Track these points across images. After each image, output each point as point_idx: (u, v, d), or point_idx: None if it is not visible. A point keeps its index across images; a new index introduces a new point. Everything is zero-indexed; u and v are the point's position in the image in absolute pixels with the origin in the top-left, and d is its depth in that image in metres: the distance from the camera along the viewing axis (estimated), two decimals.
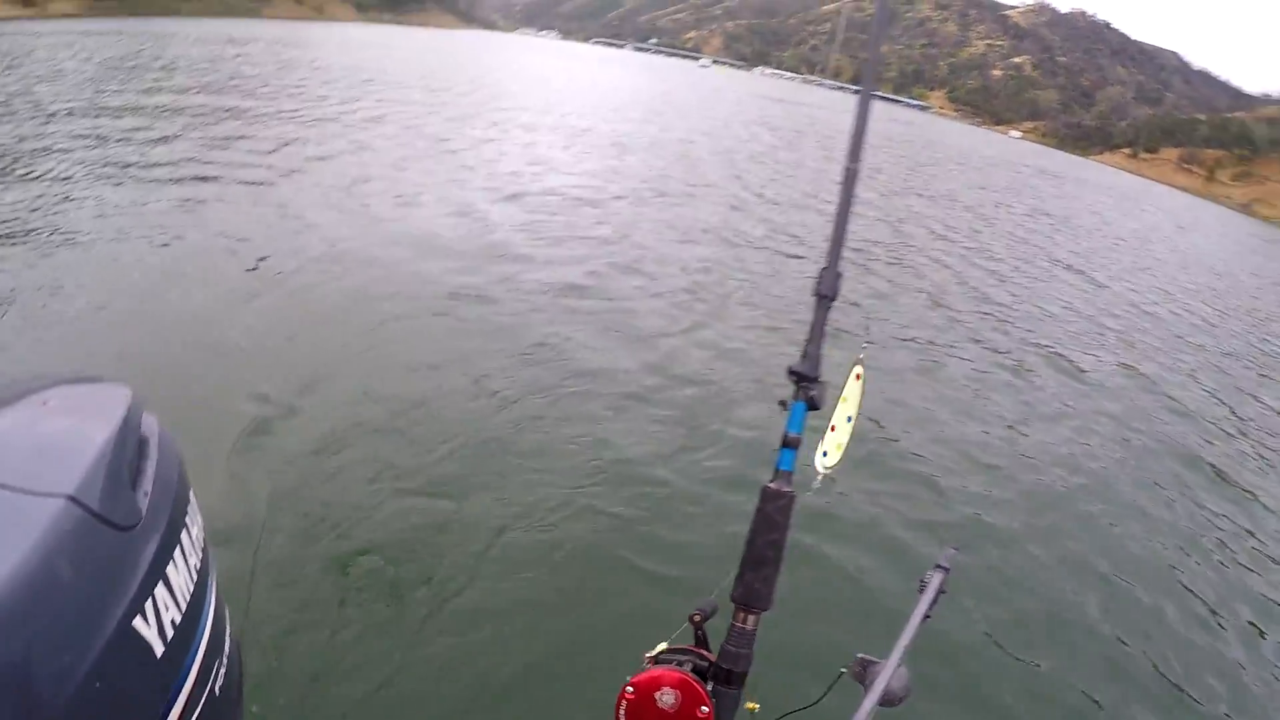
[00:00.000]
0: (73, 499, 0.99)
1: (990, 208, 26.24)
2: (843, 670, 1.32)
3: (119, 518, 1.05)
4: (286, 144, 14.90)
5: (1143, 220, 40.08)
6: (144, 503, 1.13)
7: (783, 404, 1.33)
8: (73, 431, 1.14)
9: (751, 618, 1.28)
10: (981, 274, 14.47)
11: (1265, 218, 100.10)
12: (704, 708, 1.23)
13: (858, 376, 1.49)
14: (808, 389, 1.32)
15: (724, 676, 1.28)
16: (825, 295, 1.33)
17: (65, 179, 10.53)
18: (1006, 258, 17.04)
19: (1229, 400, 10.60)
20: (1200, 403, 10.08)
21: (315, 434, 5.12)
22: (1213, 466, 7.98)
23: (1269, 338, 16.02)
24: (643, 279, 9.71)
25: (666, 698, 1.25)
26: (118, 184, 10.62)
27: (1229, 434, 9.28)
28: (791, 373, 1.33)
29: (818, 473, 1.46)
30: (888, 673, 1.24)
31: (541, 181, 14.91)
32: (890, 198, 21.70)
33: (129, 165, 11.66)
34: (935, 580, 1.45)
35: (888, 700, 1.23)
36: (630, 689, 1.26)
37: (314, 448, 4.97)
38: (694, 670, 1.27)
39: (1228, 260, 32.17)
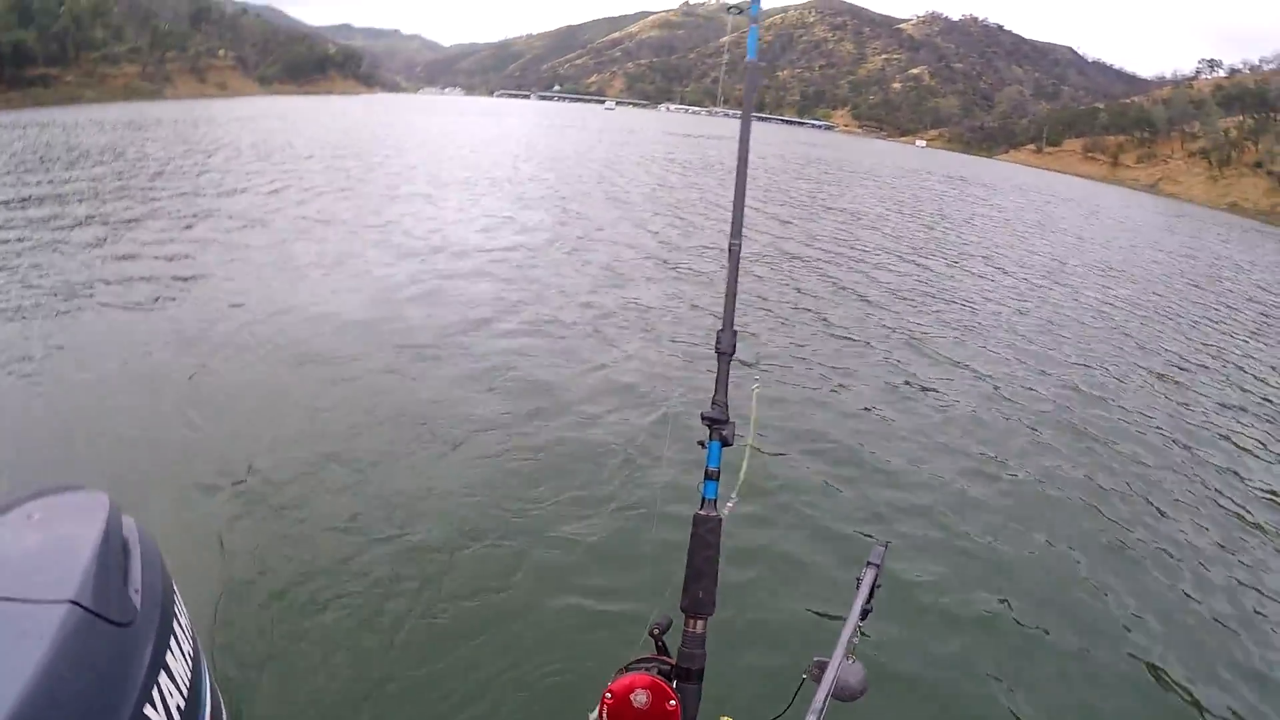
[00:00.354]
0: (74, 602, 1.06)
1: (893, 218, 26.54)
2: (804, 675, 1.47)
3: (117, 615, 1.13)
4: (200, 224, 14.94)
5: (1044, 211, 40.46)
6: (136, 599, 1.21)
7: (701, 444, 1.60)
8: (62, 539, 1.22)
9: (700, 623, 1.53)
10: (879, 286, 14.49)
11: (1170, 194, 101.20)
12: (671, 702, 1.44)
13: (753, 408, 1.73)
14: (720, 429, 1.57)
15: (684, 675, 1.51)
16: (724, 352, 1.60)
17: None
18: (905, 266, 17.13)
19: (1138, 375, 10.88)
20: (1107, 380, 10.34)
21: (276, 502, 5.22)
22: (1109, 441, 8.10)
23: (1171, 308, 16.59)
24: (558, 328, 9.82)
25: (640, 697, 1.44)
26: (38, 282, 10.35)
27: (1131, 409, 9.32)
28: (705, 418, 1.58)
29: (729, 498, 1.65)
30: (833, 669, 1.35)
31: (460, 240, 15.09)
32: (791, 224, 21.49)
33: (52, 253, 11.74)
34: (869, 576, 1.58)
35: (846, 695, 1.37)
36: (609, 694, 1.45)
37: (277, 515, 5.07)
38: (659, 673, 1.48)
39: (1126, 239, 32.89)
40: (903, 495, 6.25)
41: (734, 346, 1.59)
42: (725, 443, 1.56)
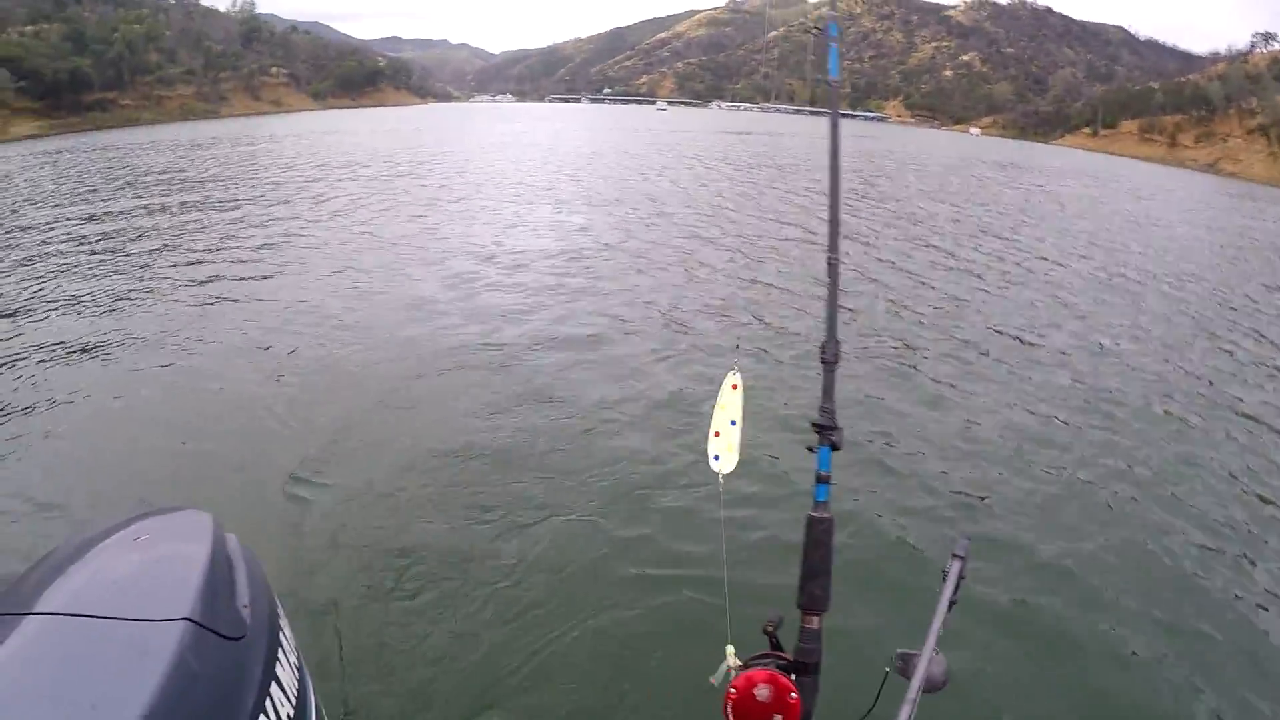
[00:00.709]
0: (190, 620, 1.10)
1: (948, 210, 26.45)
2: (887, 670, 1.52)
3: (230, 630, 1.17)
4: (272, 235, 15.64)
5: (1103, 194, 40.48)
6: (245, 613, 1.25)
7: (810, 449, 1.65)
8: (171, 559, 1.28)
9: (816, 619, 1.59)
10: (942, 276, 14.82)
11: (1231, 174, 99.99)
12: (793, 694, 1.50)
13: (734, 386, 1.72)
14: (829, 435, 1.63)
15: (802, 669, 1.56)
16: (829, 361, 1.66)
17: (76, 299, 11.17)
18: (965, 256, 17.38)
19: (1217, 364, 10.78)
20: (1183, 367, 10.37)
21: (363, 513, 5.48)
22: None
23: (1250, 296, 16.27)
24: (647, 327, 10.33)
25: (762, 691, 1.50)
26: (117, 295, 11.20)
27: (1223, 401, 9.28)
28: (815, 425, 1.64)
29: (718, 477, 1.70)
30: (924, 662, 1.38)
31: (526, 243, 15.93)
32: (852, 217, 21.64)
33: (128, 276, 12.41)
34: (955, 569, 1.59)
35: (931, 687, 1.39)
36: (733, 690, 1.51)
37: (364, 525, 5.31)
38: (778, 667, 1.54)
39: (1187, 222, 32.24)
40: (986, 487, 6.32)
41: (838, 356, 1.66)
42: (835, 447, 1.63)
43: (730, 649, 1.55)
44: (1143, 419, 8.36)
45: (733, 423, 1.71)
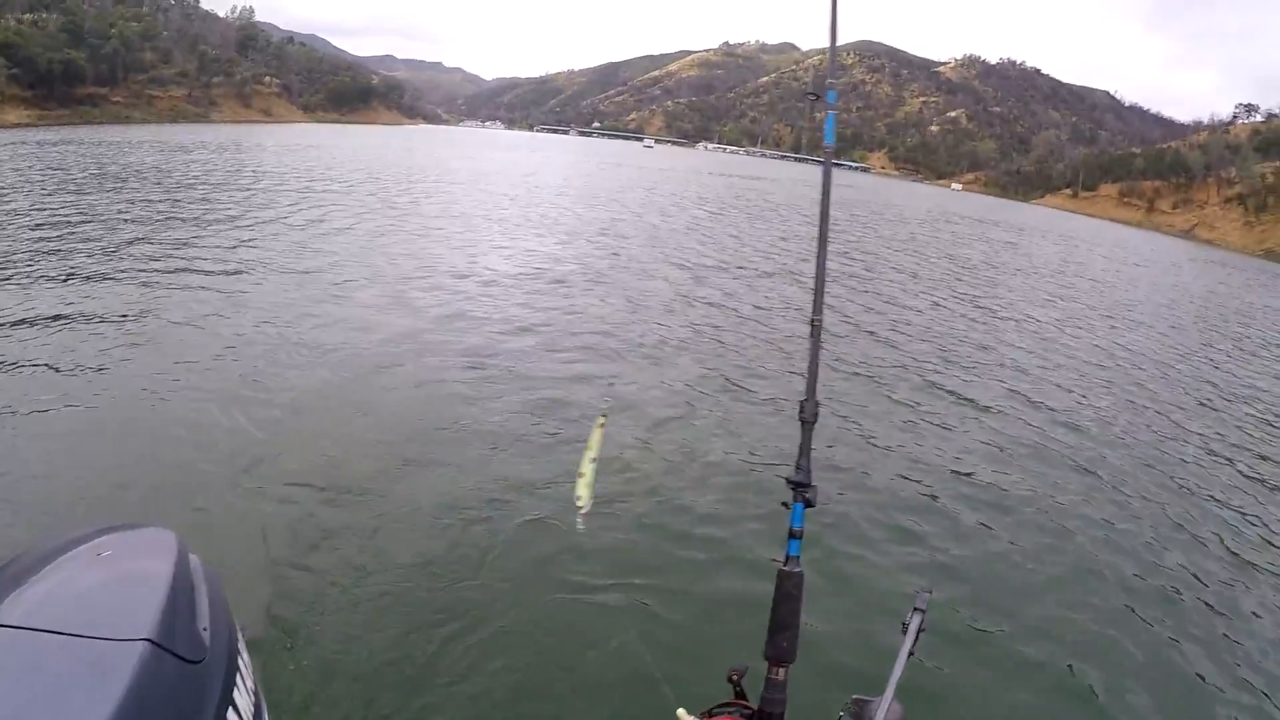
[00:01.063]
0: (151, 641, 1.08)
1: (923, 262, 26.28)
2: (840, 714, 1.51)
3: (190, 653, 1.15)
4: (252, 244, 15.31)
5: (1076, 256, 40.91)
6: (205, 636, 1.24)
7: (785, 504, 1.68)
8: (134, 577, 1.25)
9: (783, 670, 1.59)
10: (910, 336, 14.05)
11: (1206, 240, 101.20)
12: None
13: (600, 426, 1.80)
14: (804, 492, 1.66)
15: (766, 718, 1.57)
16: (808, 420, 1.71)
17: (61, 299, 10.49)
18: (934, 311, 16.98)
19: (1184, 421, 10.91)
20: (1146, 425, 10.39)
21: (327, 535, 5.24)
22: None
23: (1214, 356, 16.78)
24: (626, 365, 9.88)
25: None
26: (83, 300, 10.56)
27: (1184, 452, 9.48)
28: (789, 482, 1.67)
29: (579, 512, 1.76)
30: (884, 708, 1.41)
31: (508, 265, 15.82)
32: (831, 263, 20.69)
33: (99, 278, 11.82)
34: (915, 621, 1.62)
35: None
36: None
37: (326, 548, 5.11)
38: (742, 717, 1.57)
39: (1166, 283, 33.27)
40: (950, 541, 6.25)
41: (816, 415, 1.71)
42: (808, 504, 1.66)
43: (681, 711, 1.53)
44: (1102, 475, 8.27)
45: (593, 461, 1.78)
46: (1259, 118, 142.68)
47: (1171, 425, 10.59)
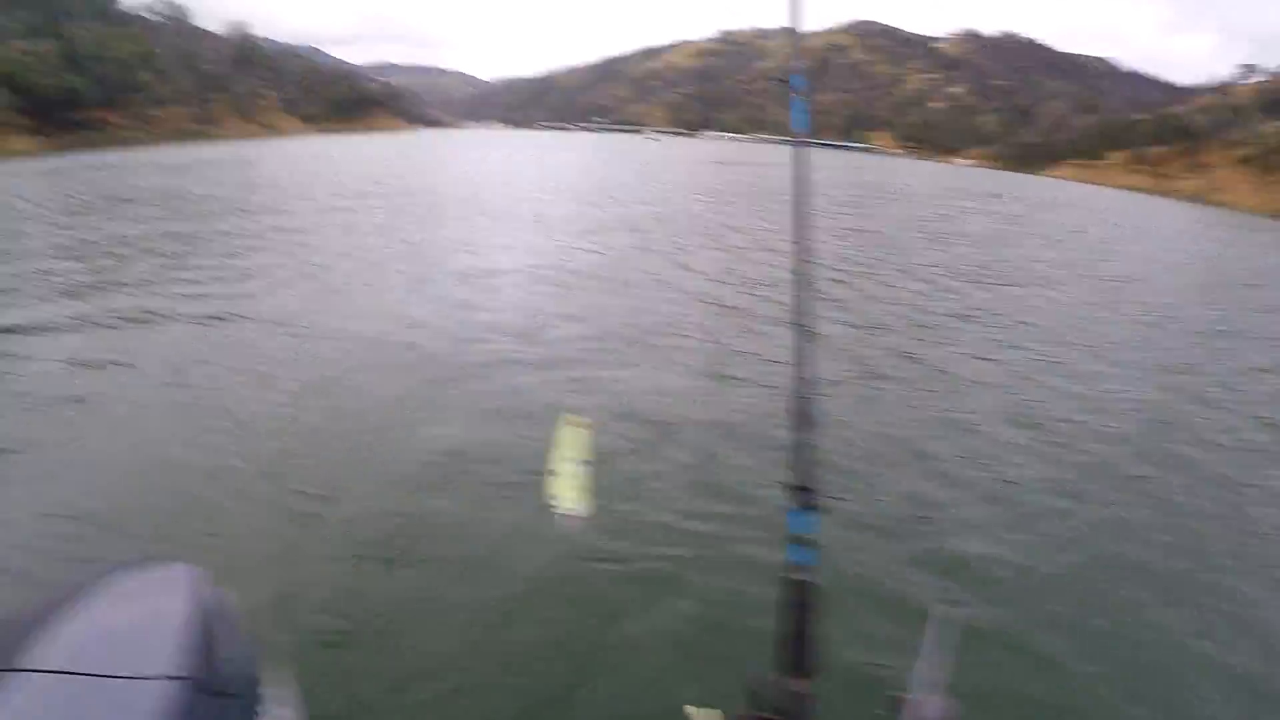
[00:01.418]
0: (179, 677, 1.10)
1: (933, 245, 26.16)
2: (879, 712, 1.53)
3: (217, 687, 1.16)
4: (261, 262, 15.78)
5: (1087, 227, 40.53)
6: (232, 670, 1.25)
7: (791, 508, 1.64)
8: (159, 614, 1.26)
9: (803, 681, 1.56)
10: (915, 323, 14.17)
11: (1218, 203, 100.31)
12: None
13: (572, 425, 1.78)
14: (810, 497, 1.63)
15: None
16: (810, 421, 1.68)
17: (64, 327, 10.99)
18: (936, 295, 16.99)
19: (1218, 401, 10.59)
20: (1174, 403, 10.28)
21: (353, 565, 5.31)
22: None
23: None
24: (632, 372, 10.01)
25: None
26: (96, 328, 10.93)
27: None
28: (794, 487, 1.64)
29: (576, 519, 1.76)
30: (920, 704, 1.41)
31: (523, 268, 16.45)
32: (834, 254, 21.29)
33: (109, 306, 12.10)
34: (934, 623, 1.63)
35: None
36: None
37: (354, 575, 5.19)
38: None
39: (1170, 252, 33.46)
40: (975, 539, 6.15)
41: (817, 414, 1.68)
42: (817, 510, 1.64)
43: (689, 708, 1.54)
44: (1127, 469, 8.05)
45: (581, 463, 1.79)
46: (1260, 77, 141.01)
47: (1216, 412, 10.09)
